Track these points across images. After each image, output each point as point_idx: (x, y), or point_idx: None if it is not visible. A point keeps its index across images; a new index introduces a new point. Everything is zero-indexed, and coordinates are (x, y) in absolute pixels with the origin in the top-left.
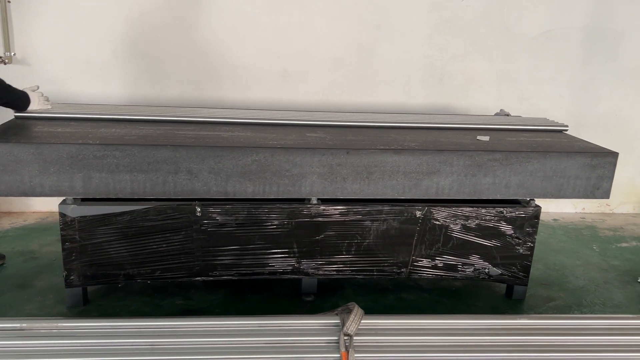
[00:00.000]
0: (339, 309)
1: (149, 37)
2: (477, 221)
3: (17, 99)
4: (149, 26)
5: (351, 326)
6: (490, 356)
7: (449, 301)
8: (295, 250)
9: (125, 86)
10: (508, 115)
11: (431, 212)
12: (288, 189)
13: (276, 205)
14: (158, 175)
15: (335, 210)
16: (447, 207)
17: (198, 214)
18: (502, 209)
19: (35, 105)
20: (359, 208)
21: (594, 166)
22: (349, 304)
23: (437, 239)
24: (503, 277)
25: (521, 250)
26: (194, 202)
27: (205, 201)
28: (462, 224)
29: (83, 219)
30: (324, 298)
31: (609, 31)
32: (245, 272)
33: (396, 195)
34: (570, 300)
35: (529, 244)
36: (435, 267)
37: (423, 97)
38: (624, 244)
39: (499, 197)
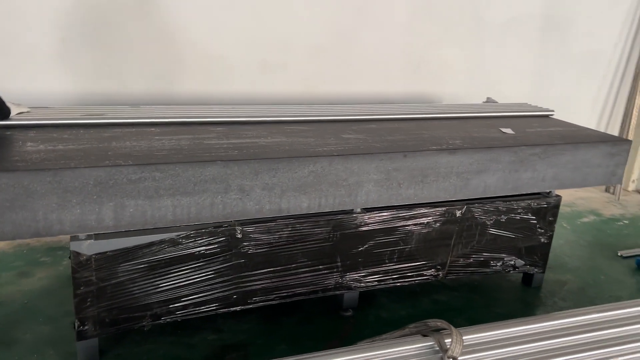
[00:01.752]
0: (413, 326)
1: (106, 22)
2: (507, 215)
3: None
4: (106, 9)
5: (455, 348)
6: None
7: (479, 297)
8: (339, 264)
9: (77, 82)
10: (496, 102)
11: (470, 211)
12: (344, 200)
13: (321, 218)
14: (205, 197)
15: (380, 217)
16: (483, 204)
17: (238, 235)
18: (529, 201)
19: (14, 114)
20: (403, 213)
21: (613, 154)
22: (428, 320)
23: (473, 237)
24: (526, 267)
25: (542, 240)
26: (232, 223)
27: (243, 221)
28: (494, 219)
29: (101, 256)
30: (362, 311)
31: (561, 18)
32: (287, 295)
33: (448, 197)
34: (579, 282)
35: (550, 232)
36: (469, 265)
37: (402, 85)
38: (585, 219)
39: (536, 190)
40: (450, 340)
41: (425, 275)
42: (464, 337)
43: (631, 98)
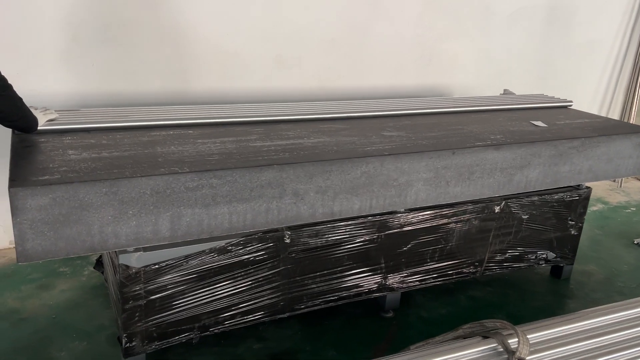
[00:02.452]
0: (468, 327)
1: (119, 19)
2: (541, 209)
3: (27, 121)
4: (118, 5)
5: (523, 349)
6: None
7: (512, 292)
8: (383, 265)
9: (89, 82)
10: (514, 94)
11: (508, 206)
12: (394, 201)
13: (367, 219)
14: (261, 203)
15: (424, 216)
16: (519, 198)
17: (287, 240)
18: (562, 194)
19: (41, 123)
20: (446, 211)
21: None
22: (484, 321)
23: (510, 232)
24: (557, 259)
25: (573, 232)
26: (281, 228)
27: (291, 225)
28: (530, 214)
29: (150, 268)
30: (401, 311)
31: (564, 9)
32: (332, 299)
33: (492, 193)
34: (604, 272)
35: (580, 224)
36: (505, 260)
37: (413, 78)
38: (594, 208)
39: (573, 183)
40: (513, 340)
41: (465, 272)
42: (529, 336)
43: (630, 86)
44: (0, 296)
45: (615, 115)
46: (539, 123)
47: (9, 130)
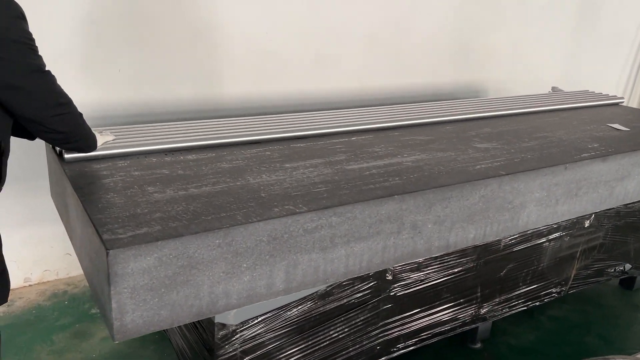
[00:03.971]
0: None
1: (147, 16)
2: (624, 219)
3: (88, 140)
4: (146, 1)
5: None
6: None
7: (592, 308)
8: (479, 294)
9: (114, 88)
10: (562, 91)
11: (596, 219)
12: (507, 226)
13: (468, 246)
14: (378, 240)
15: (523, 237)
16: (607, 210)
17: (389, 277)
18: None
19: (100, 144)
20: (542, 229)
21: None
22: (608, 357)
23: (595, 246)
24: (632, 270)
25: None
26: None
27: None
28: (613, 225)
29: (248, 324)
30: (488, 341)
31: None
32: (426, 337)
33: (594, 209)
34: None
35: None
36: (589, 276)
37: (451, 75)
38: None
39: None
40: None
41: (553, 293)
42: None
43: None
44: (30, 350)
45: (634, 103)
46: (618, 126)
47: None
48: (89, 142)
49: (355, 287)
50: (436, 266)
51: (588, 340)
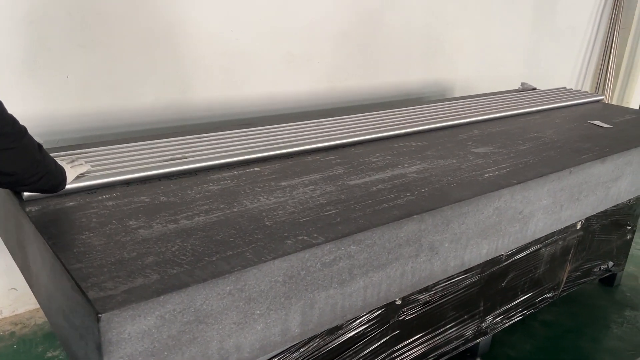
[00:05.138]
0: None
1: (100, 15)
2: (610, 218)
3: (52, 178)
4: None
5: None
6: None
7: (579, 309)
8: (481, 309)
9: (64, 100)
10: (535, 88)
11: (587, 220)
12: (517, 238)
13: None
14: (397, 267)
15: (522, 246)
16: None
17: (398, 302)
18: (628, 200)
19: (71, 179)
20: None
21: None
22: None
23: (584, 248)
24: (614, 267)
25: (628, 237)
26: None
27: None
28: (601, 225)
29: None
30: (488, 354)
31: None
32: (438, 354)
33: (591, 211)
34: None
35: (634, 228)
36: (578, 277)
37: (421, 73)
38: None
39: None
40: None
41: (547, 298)
42: None
43: (602, 66)
44: None
45: (587, 89)
46: (599, 123)
47: None
48: (54, 181)
49: (364, 317)
50: (442, 284)
51: (582, 344)
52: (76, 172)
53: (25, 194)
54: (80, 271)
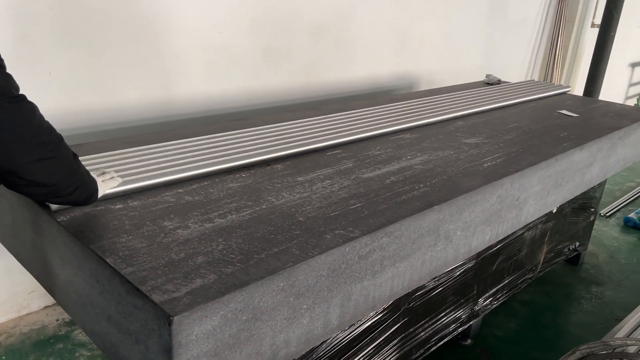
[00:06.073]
0: (585, 347)
1: (83, 10)
2: (579, 201)
3: (86, 189)
4: None
5: None
6: None
7: (553, 288)
8: (475, 292)
9: (47, 97)
10: (499, 80)
11: (562, 205)
12: (513, 223)
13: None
14: (418, 256)
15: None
16: None
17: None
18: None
19: (102, 193)
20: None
21: None
22: (607, 340)
23: (557, 230)
24: (580, 247)
25: (592, 218)
26: None
27: None
28: (571, 208)
29: None
30: (478, 335)
31: None
32: (433, 343)
33: (570, 196)
34: (602, 250)
35: (596, 210)
36: (552, 258)
37: (391, 64)
38: None
39: (613, 173)
40: None
41: (527, 278)
42: None
43: (549, 56)
44: None
45: (536, 78)
46: (567, 112)
47: None
48: (87, 193)
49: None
50: (447, 270)
51: (560, 321)
52: (107, 187)
53: (53, 205)
54: (135, 275)
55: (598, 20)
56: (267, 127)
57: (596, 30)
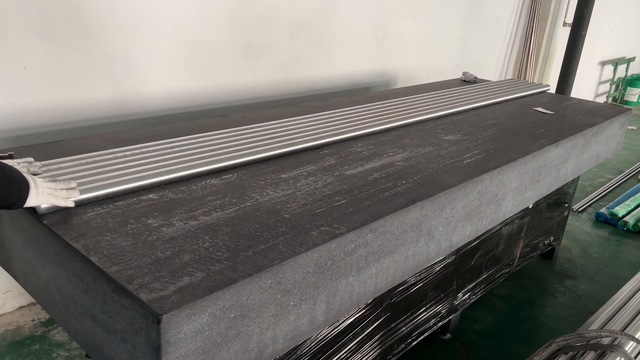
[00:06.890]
0: (562, 340)
1: (58, 3)
2: (555, 196)
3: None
4: None
5: None
6: None
7: (529, 282)
8: (454, 287)
9: (18, 91)
10: (476, 78)
11: (537, 200)
12: (492, 219)
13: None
14: (401, 252)
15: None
16: None
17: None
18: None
19: (34, 200)
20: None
21: (623, 124)
22: (582, 332)
23: (533, 225)
24: (554, 242)
25: (565, 213)
26: None
27: None
28: (546, 204)
29: None
30: (454, 331)
31: None
32: (413, 339)
33: (546, 192)
34: (576, 245)
35: (569, 205)
36: (528, 252)
37: (369, 62)
38: None
39: (586, 170)
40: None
41: (504, 273)
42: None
43: (523, 54)
44: None
45: (509, 76)
46: (542, 109)
47: None
48: (10, 198)
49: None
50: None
51: (536, 314)
52: (58, 198)
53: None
54: (121, 273)
55: (570, 19)
56: (249, 127)
57: (568, 29)
